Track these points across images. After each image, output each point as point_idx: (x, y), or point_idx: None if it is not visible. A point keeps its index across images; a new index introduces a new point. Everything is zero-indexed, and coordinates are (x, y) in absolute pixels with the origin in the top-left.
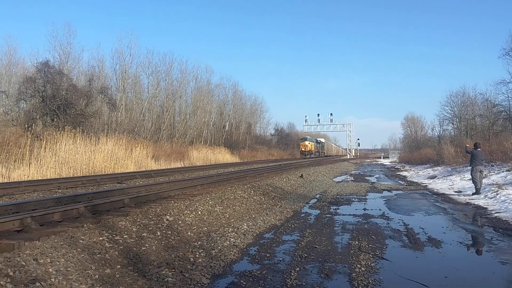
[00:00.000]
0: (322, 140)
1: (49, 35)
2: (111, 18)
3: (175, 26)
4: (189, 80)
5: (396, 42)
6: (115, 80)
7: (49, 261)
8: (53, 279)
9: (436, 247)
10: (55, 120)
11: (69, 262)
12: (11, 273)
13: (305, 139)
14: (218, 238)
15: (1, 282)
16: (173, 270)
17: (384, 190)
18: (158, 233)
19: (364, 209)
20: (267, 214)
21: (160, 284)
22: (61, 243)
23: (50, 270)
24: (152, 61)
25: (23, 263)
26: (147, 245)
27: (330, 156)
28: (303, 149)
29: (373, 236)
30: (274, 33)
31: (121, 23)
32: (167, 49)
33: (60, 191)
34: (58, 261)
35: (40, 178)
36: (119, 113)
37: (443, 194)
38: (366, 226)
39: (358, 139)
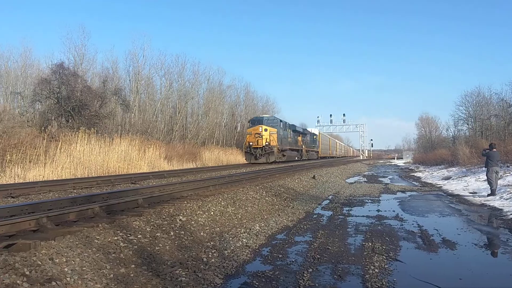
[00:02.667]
0: (314, 131)
1: (64, 37)
2: (124, 22)
3: (187, 30)
4: (201, 81)
5: (410, 45)
6: (128, 82)
7: (64, 260)
8: (68, 278)
9: (450, 248)
10: (70, 121)
11: (84, 261)
12: (27, 272)
13: (260, 121)
14: (230, 238)
15: (18, 281)
16: (187, 270)
17: (398, 191)
18: (172, 233)
19: (378, 211)
20: (279, 215)
21: (174, 284)
22: (77, 242)
23: (66, 269)
24: (164, 63)
25: (39, 262)
26: (161, 245)
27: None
28: (252, 143)
29: (387, 238)
30: (287, 38)
31: (134, 27)
32: (180, 51)
33: (75, 191)
34: (73, 261)
35: (55, 178)
36: (133, 114)
37: (458, 195)
38: (379, 227)
39: (371, 139)
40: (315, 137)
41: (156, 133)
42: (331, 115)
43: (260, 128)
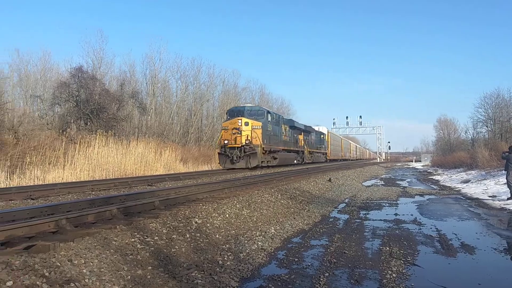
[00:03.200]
0: (322, 130)
1: (83, 41)
2: (141, 26)
3: (202, 34)
4: (217, 84)
5: (427, 47)
6: (145, 85)
7: (83, 262)
8: (87, 280)
9: (469, 253)
10: (89, 124)
11: (102, 263)
12: (46, 274)
13: (241, 112)
14: (246, 241)
15: (37, 282)
16: (202, 272)
17: (416, 194)
18: (187, 235)
19: (395, 214)
20: (294, 218)
21: (190, 286)
22: (95, 244)
23: (84, 271)
24: (180, 66)
25: (58, 264)
26: (177, 247)
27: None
28: (228, 141)
29: (405, 242)
30: (305, 39)
31: (151, 31)
32: (196, 54)
33: (93, 193)
34: (91, 262)
35: (74, 180)
36: (149, 117)
37: (477, 199)
38: (397, 231)
39: (389, 142)
40: (322, 136)
41: (172, 136)
42: (347, 117)
43: (239, 121)
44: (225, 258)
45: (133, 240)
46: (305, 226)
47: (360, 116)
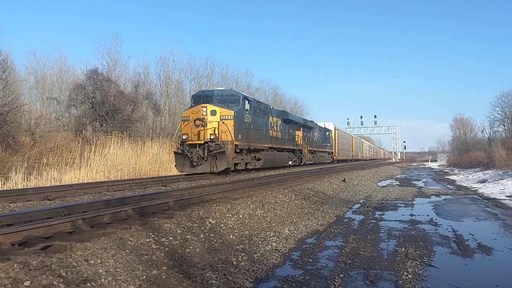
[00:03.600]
0: (328, 126)
1: (98, 44)
2: (153, 27)
3: (216, 35)
4: (230, 84)
5: (444, 48)
6: (159, 86)
7: (99, 262)
8: (103, 280)
9: (486, 254)
10: (104, 125)
11: (118, 263)
12: (63, 274)
13: (209, 98)
14: (259, 242)
15: (54, 282)
16: (217, 272)
17: (432, 195)
18: (201, 236)
19: (411, 215)
20: (308, 218)
21: (204, 286)
22: (111, 244)
23: (100, 270)
24: (194, 67)
25: (74, 264)
26: (191, 247)
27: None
28: (188, 136)
29: (421, 243)
30: (319, 38)
31: (164, 33)
32: (209, 55)
33: (109, 193)
34: (107, 262)
35: (90, 181)
36: (163, 118)
37: (494, 199)
38: (413, 232)
39: (404, 141)
40: (328, 133)
41: None
42: (361, 116)
43: (204, 109)
44: (239, 259)
45: (148, 240)
46: (319, 227)
47: (375, 116)
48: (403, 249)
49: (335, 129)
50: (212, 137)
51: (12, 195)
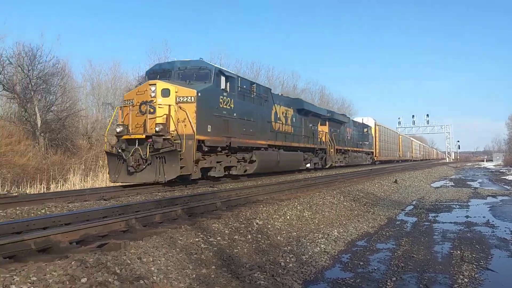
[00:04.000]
0: (367, 122)
1: (149, 50)
2: (199, 31)
3: (260, 35)
4: (276, 86)
5: (497, 43)
6: None
7: (151, 260)
8: (155, 277)
9: None
10: None
11: (169, 261)
12: (118, 271)
13: (166, 73)
14: (308, 243)
15: (110, 279)
16: (265, 273)
17: (488, 195)
18: (249, 236)
19: (466, 217)
20: (358, 220)
21: (252, 287)
22: (162, 243)
23: (152, 268)
24: (240, 70)
25: (128, 261)
26: (239, 248)
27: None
28: (123, 130)
29: (477, 245)
30: (367, 34)
31: (210, 38)
32: (255, 57)
33: (159, 194)
34: (159, 260)
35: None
36: None
37: None
38: (468, 234)
39: (458, 141)
40: (366, 130)
41: None
42: (413, 115)
43: (153, 87)
44: (287, 260)
45: (197, 239)
46: (370, 229)
47: (427, 115)
48: (459, 252)
49: (375, 125)
50: (158, 129)
51: (70, 195)
